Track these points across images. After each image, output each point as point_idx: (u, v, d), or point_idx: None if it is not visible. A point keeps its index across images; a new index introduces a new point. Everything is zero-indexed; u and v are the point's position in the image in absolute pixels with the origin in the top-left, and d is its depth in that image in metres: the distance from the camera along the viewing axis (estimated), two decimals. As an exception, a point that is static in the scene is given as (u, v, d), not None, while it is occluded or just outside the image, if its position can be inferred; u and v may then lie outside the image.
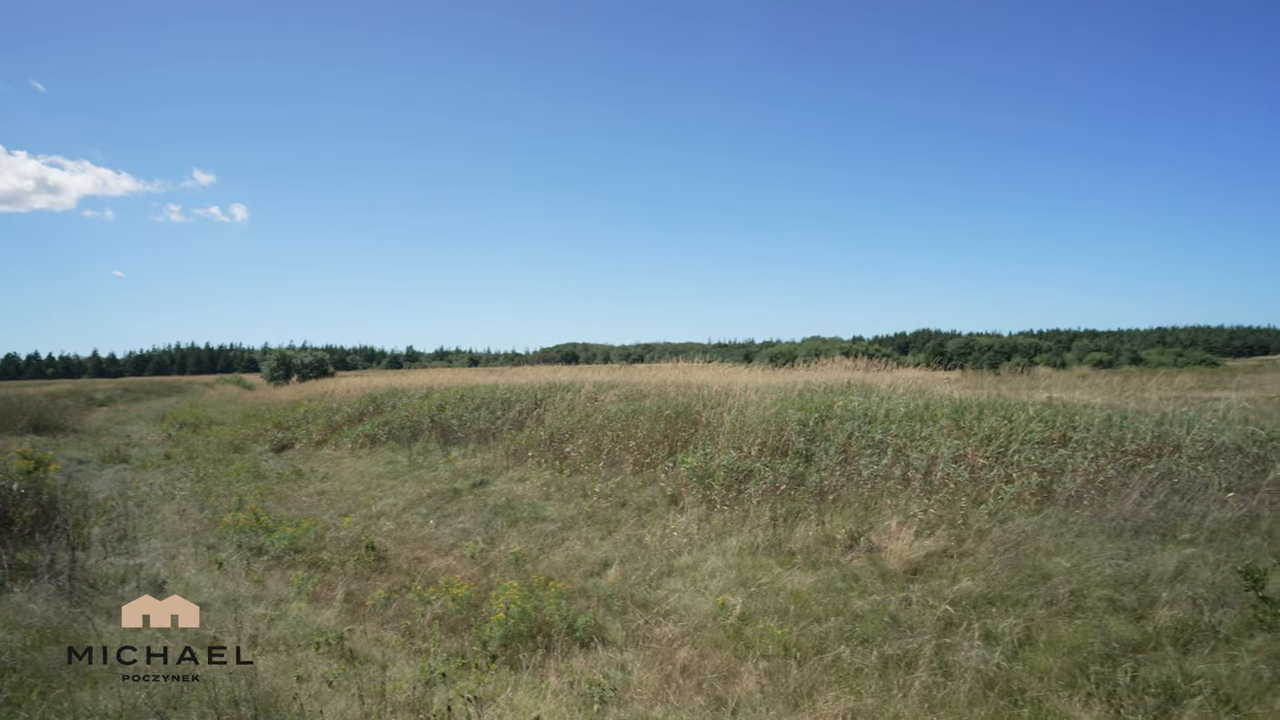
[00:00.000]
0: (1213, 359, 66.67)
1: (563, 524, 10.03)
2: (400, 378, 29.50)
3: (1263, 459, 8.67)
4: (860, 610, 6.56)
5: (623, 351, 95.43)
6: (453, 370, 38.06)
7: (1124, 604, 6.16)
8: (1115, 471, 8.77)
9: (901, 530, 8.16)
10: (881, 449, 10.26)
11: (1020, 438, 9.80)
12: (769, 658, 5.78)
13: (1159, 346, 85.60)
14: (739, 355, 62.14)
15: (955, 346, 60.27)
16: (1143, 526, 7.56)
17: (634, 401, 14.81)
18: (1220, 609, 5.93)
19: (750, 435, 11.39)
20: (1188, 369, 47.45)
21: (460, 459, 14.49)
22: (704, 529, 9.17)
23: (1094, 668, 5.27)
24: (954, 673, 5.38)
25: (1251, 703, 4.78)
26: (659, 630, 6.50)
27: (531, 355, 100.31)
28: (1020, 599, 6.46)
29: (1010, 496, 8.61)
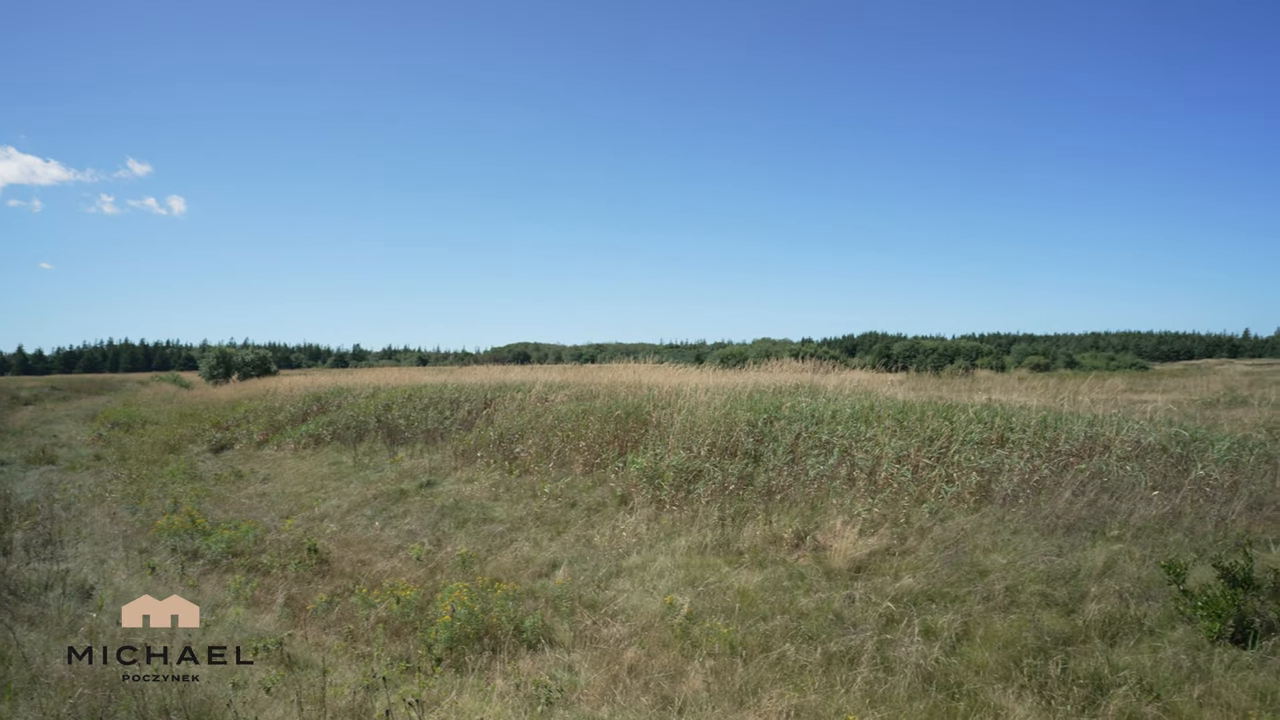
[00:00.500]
0: (1142, 363, 69.63)
1: (511, 525, 9.95)
2: (346, 376, 28.87)
3: (1185, 458, 9.09)
4: (805, 608, 6.66)
5: (575, 352, 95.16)
6: (401, 369, 37.39)
7: (1056, 599, 6.39)
8: (1049, 471, 9.10)
9: (846, 529, 8.32)
10: (828, 449, 10.44)
11: (960, 438, 10.09)
12: (715, 656, 5.83)
13: (1093, 351, 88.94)
14: (690, 356, 62.52)
15: (901, 349, 61.70)
16: (1074, 524, 7.85)
17: (585, 402, 14.79)
18: (1145, 602, 6.19)
19: (700, 436, 11.47)
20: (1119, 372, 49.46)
21: (407, 460, 14.26)
22: (653, 529, 9.20)
23: (1027, 660, 5.45)
24: (895, 668, 5.50)
25: (1172, 691, 5.00)
26: (607, 631, 6.50)
27: (482, 355, 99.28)
28: (959, 595, 6.65)
29: (951, 496, 8.85)
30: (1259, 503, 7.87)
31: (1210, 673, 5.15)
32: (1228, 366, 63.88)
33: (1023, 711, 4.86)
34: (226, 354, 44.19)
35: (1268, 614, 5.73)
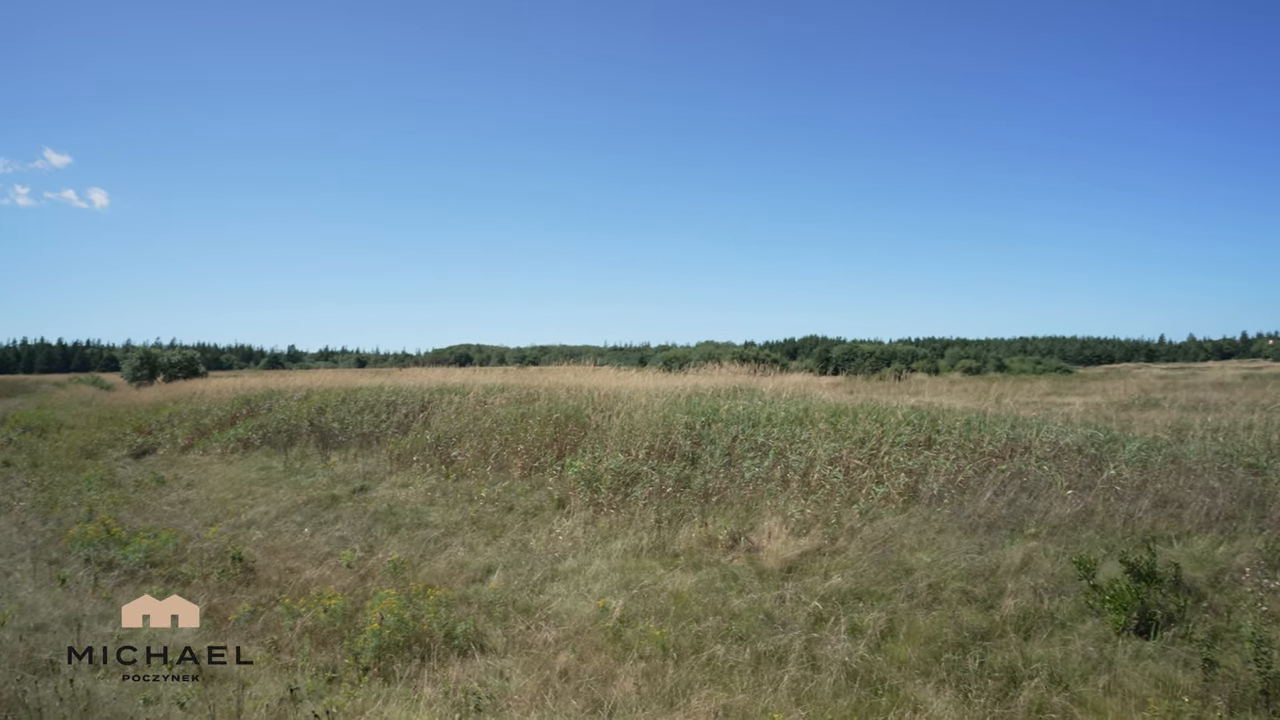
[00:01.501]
0: (1067, 367, 72.74)
1: (447, 530, 9.81)
2: (279, 379, 28.02)
3: (1099, 459, 9.53)
4: (737, 609, 6.75)
5: (518, 354, 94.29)
6: (337, 372, 36.47)
7: (976, 595, 6.63)
8: (973, 471, 9.42)
9: (780, 530, 8.46)
10: (764, 452, 10.60)
11: (890, 440, 10.37)
12: (647, 659, 5.86)
13: (1021, 355, 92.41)
14: (634, 359, 62.66)
15: (840, 353, 63.03)
16: (995, 522, 8.15)
17: (524, 405, 14.69)
18: (1058, 597, 6.47)
19: (638, 438, 11.52)
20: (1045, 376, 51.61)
21: (340, 464, 13.92)
22: (590, 532, 9.19)
23: (947, 655, 5.64)
24: (821, 666, 5.61)
25: (1080, 682, 5.24)
26: (540, 635, 6.46)
27: (423, 356, 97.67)
28: (885, 593, 6.84)
29: (880, 496, 9.09)
30: (1164, 500, 8.30)
31: (1115, 663, 5.42)
32: (1144, 370, 67.18)
33: (940, 705, 5.02)
34: (151, 355, 42.39)
35: (1169, 606, 6.05)
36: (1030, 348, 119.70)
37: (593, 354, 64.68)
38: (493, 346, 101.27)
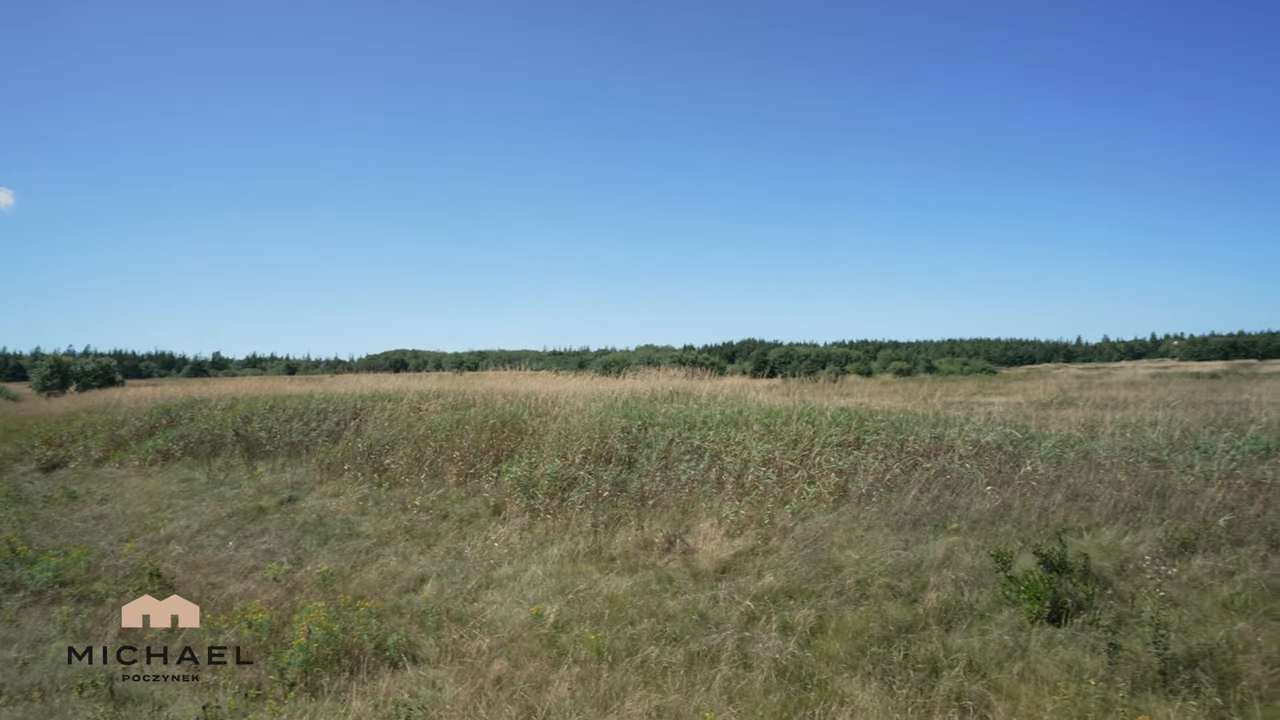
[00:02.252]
0: (991, 367, 75.62)
1: (379, 540, 9.61)
2: (202, 387, 26.97)
3: (1016, 456, 9.96)
4: (672, 610, 6.82)
5: (456, 359, 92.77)
6: (265, 379, 35.24)
7: (901, 589, 6.85)
8: (900, 470, 9.72)
9: (714, 532, 8.58)
10: (699, 454, 10.73)
11: (822, 441, 10.62)
12: (582, 663, 5.87)
13: (949, 356, 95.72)
14: (573, 363, 62.59)
15: (777, 355, 64.18)
16: (920, 519, 8.44)
17: (460, 411, 14.50)
18: (978, 589, 6.73)
19: (575, 443, 11.50)
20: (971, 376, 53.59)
21: (268, 474, 13.48)
22: (526, 538, 9.14)
23: (873, 649, 5.81)
24: (753, 664, 5.72)
25: (997, 670, 5.47)
26: (474, 644, 6.40)
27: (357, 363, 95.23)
28: (815, 590, 7.00)
29: (812, 496, 9.30)
30: (1076, 494, 8.72)
31: (1029, 650, 5.67)
32: (1063, 370, 70.35)
33: (866, 697, 5.18)
34: (62, 363, 40.23)
35: (1078, 595, 6.36)
36: (958, 349, 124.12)
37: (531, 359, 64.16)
38: (429, 352, 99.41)
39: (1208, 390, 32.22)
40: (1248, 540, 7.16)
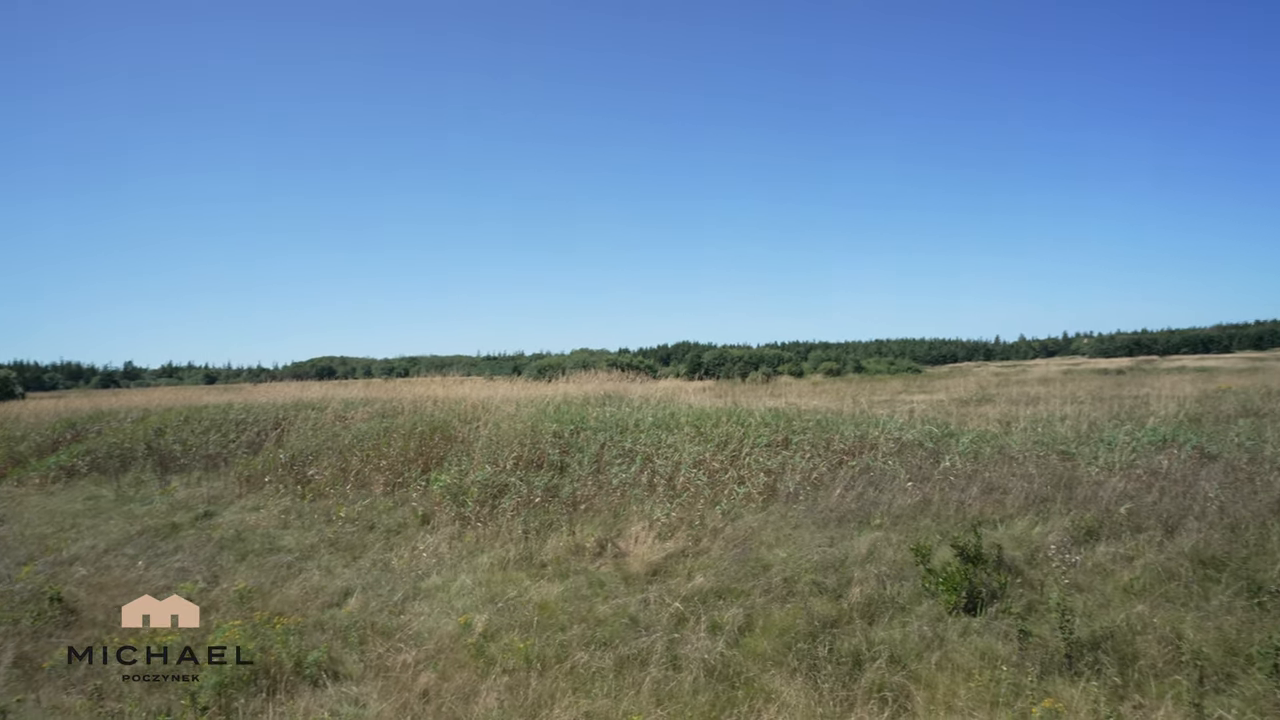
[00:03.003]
0: (917, 366, 78.24)
1: (302, 554, 9.29)
2: (112, 398, 25.61)
3: (936, 452, 10.32)
4: (603, 615, 6.80)
5: (386, 365, 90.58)
6: (181, 389, 33.71)
7: (827, 586, 7.00)
8: (827, 468, 9.95)
9: (646, 534, 8.60)
10: (631, 457, 10.75)
11: (751, 441, 10.78)
12: (511, 672, 5.79)
13: (877, 356, 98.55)
14: (508, 368, 61.94)
15: (711, 357, 64.89)
16: (845, 516, 8.65)
17: (388, 419, 14.16)
18: (899, 583, 6.94)
19: (506, 449, 11.38)
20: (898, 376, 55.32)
21: (182, 489, 12.89)
22: (456, 547, 8.99)
23: (799, 645, 5.91)
24: (682, 665, 5.75)
25: (916, 660, 5.65)
26: (400, 657, 6.24)
27: (281, 371, 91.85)
28: (744, 590, 7.09)
29: (741, 496, 9.43)
30: (991, 487, 9.09)
31: (946, 640, 5.87)
32: (982, 368, 73.24)
33: (791, 692, 5.27)
34: (-45, 375, 37.59)
35: (992, 584, 6.63)
36: (886, 350, 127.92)
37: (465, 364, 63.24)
38: (358, 359, 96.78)
39: (1113, 385, 34.06)
40: (1146, 526, 7.59)
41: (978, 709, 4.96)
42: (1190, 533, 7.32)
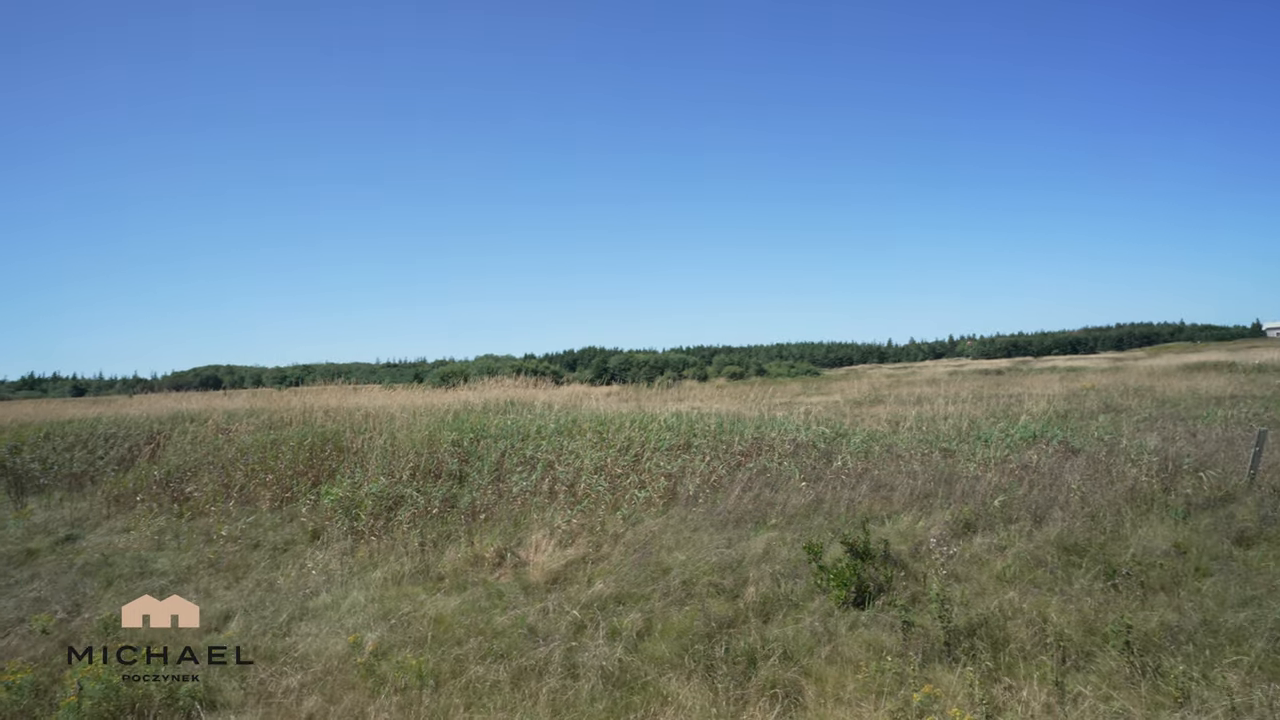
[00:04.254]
0: (815, 369, 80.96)
1: (177, 577, 8.70)
2: (-40, 414, 23.24)
3: (829, 452, 10.68)
4: (501, 626, 6.68)
5: (278, 374, 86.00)
6: (41, 403, 31.00)
7: (724, 586, 7.11)
8: (725, 470, 10.14)
9: (546, 542, 8.52)
10: (533, 465, 10.63)
11: (653, 446, 10.86)
12: (403, 690, 5.60)
13: (778, 359, 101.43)
14: (409, 375, 60.16)
15: (617, 362, 65.10)
16: (743, 517, 8.83)
17: (276, 430, 13.47)
18: (793, 580, 7.13)
19: (403, 459, 11.04)
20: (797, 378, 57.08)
21: (41, 511, 11.85)
22: (348, 563, 8.64)
23: (697, 646, 5.98)
24: (580, 673, 5.71)
25: (808, 655, 5.81)
26: (284, 682, 5.93)
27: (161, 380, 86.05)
28: (644, 594, 7.12)
29: (642, 500, 9.48)
30: (879, 485, 9.49)
31: (836, 634, 6.08)
32: (875, 371, 76.52)
33: (688, 694, 5.32)
34: None
35: (879, 578, 6.91)
36: (786, 353, 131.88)
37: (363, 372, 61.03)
38: (246, 367, 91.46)
39: (993, 385, 36.27)
40: (1017, 517, 8.10)
41: (864, 700, 5.15)
42: (1056, 522, 7.86)
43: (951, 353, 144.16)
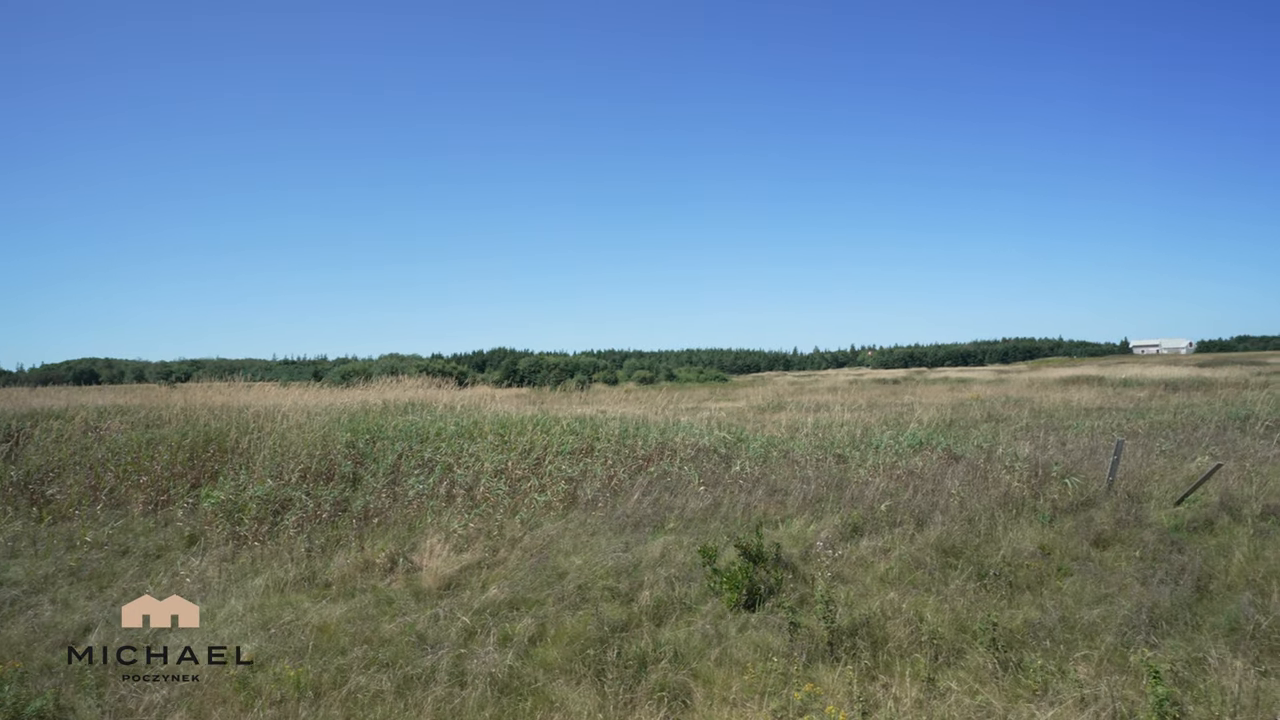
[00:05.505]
0: (724, 375, 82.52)
1: (32, 586, 8.02)
2: None
3: (729, 457, 10.90)
4: (389, 634, 6.47)
5: (163, 369, 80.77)
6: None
7: (620, 590, 7.13)
8: (626, 475, 10.18)
9: (441, 547, 8.32)
10: (430, 467, 10.38)
11: (555, 449, 10.79)
12: (279, 703, 5.35)
13: (688, 365, 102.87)
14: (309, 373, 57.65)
15: (527, 364, 64.48)
16: (641, 521, 8.88)
17: (153, 429, 12.64)
18: (688, 584, 7.22)
19: (293, 461, 10.56)
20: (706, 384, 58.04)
21: (-127, 516, 10.68)
22: (226, 570, 8.18)
23: (589, 651, 5.97)
24: (468, 681, 5.60)
25: (698, 658, 5.90)
26: (147, 698, 5.55)
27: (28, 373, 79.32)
28: (539, 599, 7.06)
29: (542, 505, 9.40)
30: (775, 489, 9.74)
31: (726, 636, 6.19)
32: (781, 378, 78.68)
33: (576, 698, 5.31)
34: None
35: (770, 581, 7.09)
36: (696, 359, 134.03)
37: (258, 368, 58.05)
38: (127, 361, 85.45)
39: (889, 394, 37.95)
40: (902, 521, 8.47)
41: (750, 700, 5.27)
42: (936, 525, 8.27)
43: (853, 362, 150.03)
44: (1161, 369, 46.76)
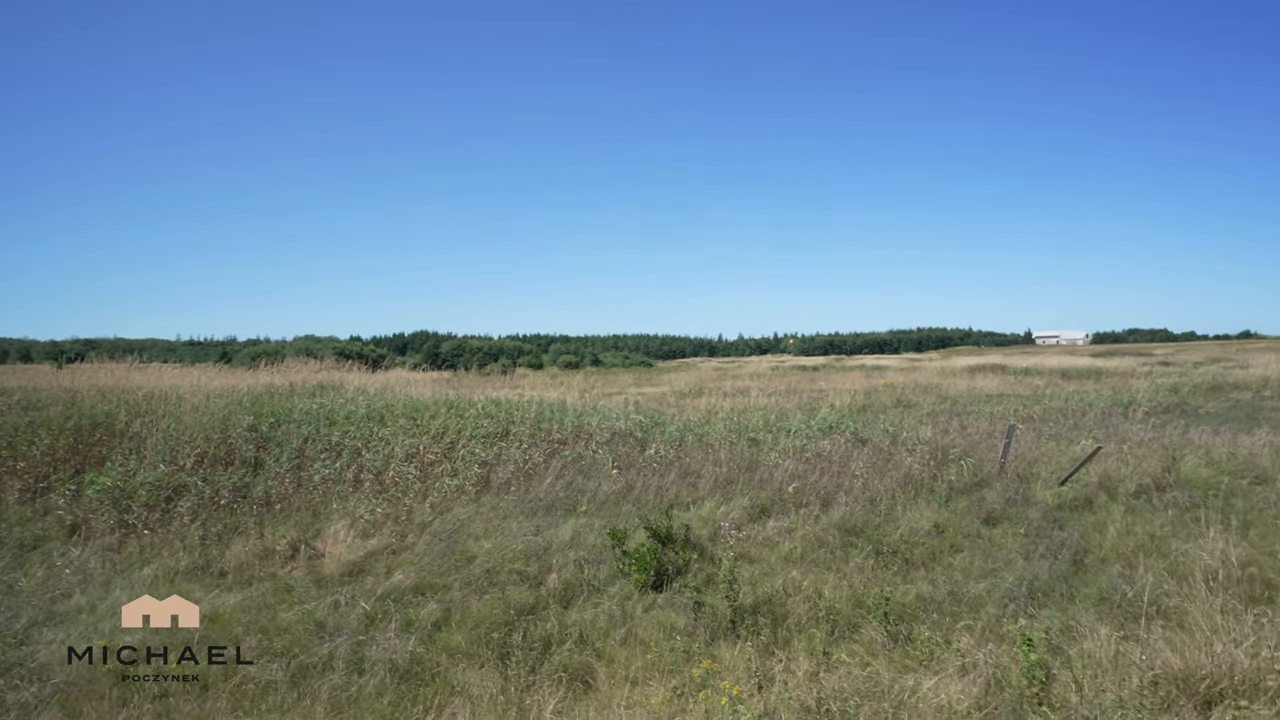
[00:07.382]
0: (649, 361, 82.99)
1: (-113, 581, 7.41)
2: None
3: (644, 440, 10.96)
4: (285, 622, 6.25)
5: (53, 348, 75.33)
6: None
7: (528, 574, 7.09)
8: (541, 458, 10.12)
9: (346, 533, 8.09)
10: (338, 451, 10.06)
11: (469, 433, 10.62)
12: (159, 698, 5.10)
13: (614, 350, 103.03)
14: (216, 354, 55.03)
15: (450, 348, 63.30)
16: (554, 504, 8.85)
17: (32, 411, 11.81)
18: (597, 566, 7.24)
19: (188, 445, 10.05)
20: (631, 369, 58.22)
21: None
22: (111, 561, 7.74)
23: (494, 635, 5.91)
24: (367, 668, 5.47)
25: (603, 639, 5.92)
26: (13, 697, 5.21)
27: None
28: (445, 584, 6.95)
29: (453, 488, 9.24)
30: (687, 472, 9.86)
31: (632, 616, 6.24)
32: (706, 364, 79.64)
33: (478, 681, 5.25)
34: None
35: (679, 561, 7.18)
36: (622, 344, 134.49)
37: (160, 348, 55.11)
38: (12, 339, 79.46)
39: (807, 380, 38.90)
40: (808, 502, 8.71)
41: (651, 678, 5.33)
42: (840, 506, 8.53)
43: (776, 349, 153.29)
44: (1058, 358, 49.60)
